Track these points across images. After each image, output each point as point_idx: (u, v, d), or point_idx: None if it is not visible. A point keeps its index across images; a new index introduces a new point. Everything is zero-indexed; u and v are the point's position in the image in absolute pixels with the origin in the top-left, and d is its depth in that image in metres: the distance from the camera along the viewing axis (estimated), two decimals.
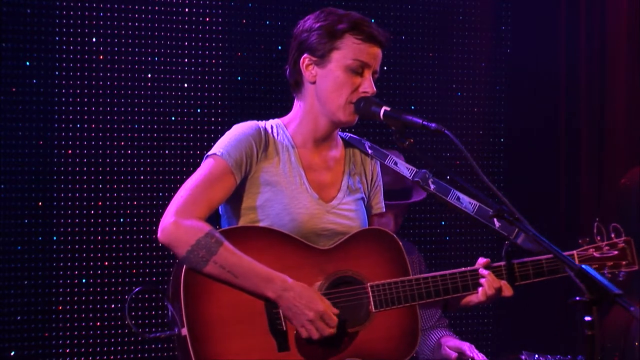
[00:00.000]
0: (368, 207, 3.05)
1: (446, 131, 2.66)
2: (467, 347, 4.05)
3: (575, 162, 5.41)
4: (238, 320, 2.73)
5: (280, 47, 4.87)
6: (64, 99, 4.54)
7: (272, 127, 2.93)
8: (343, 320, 2.77)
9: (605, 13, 5.39)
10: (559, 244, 2.47)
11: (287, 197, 2.86)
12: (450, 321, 4.40)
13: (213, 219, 2.86)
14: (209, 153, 2.86)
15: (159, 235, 2.76)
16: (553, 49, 5.44)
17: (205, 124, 4.78)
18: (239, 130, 2.89)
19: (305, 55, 2.88)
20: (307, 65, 2.89)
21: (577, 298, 2.28)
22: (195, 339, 2.69)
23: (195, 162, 4.63)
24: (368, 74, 2.86)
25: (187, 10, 4.76)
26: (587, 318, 2.24)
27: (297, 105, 2.96)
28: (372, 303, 2.82)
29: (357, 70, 2.85)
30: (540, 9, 5.45)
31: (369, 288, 2.83)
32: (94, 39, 4.58)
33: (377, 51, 2.88)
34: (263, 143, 2.88)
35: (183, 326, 2.69)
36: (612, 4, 5.39)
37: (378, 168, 3.07)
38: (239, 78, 4.86)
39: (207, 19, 4.79)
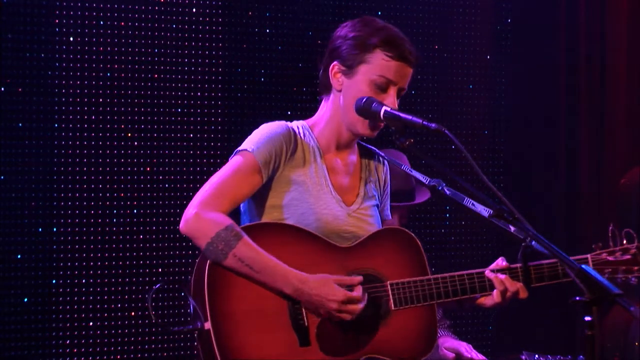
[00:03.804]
0: (380, 214, 3.07)
1: (446, 131, 2.66)
2: (465, 348, 4.04)
3: (575, 163, 5.40)
4: (261, 315, 2.76)
5: (280, 47, 4.86)
6: (64, 99, 4.54)
7: (298, 129, 2.94)
8: (363, 316, 2.80)
9: (605, 13, 5.39)
10: (559, 245, 2.47)
11: (312, 197, 2.88)
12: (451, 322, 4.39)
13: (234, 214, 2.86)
14: (239, 149, 2.87)
15: (181, 225, 2.78)
16: (553, 48, 5.43)
17: (205, 124, 4.77)
18: (270, 128, 2.90)
19: (335, 62, 2.90)
20: (336, 73, 2.91)
21: (577, 298, 2.28)
22: (219, 333, 2.71)
23: (195, 162, 4.70)
24: (393, 91, 2.86)
25: (187, 10, 4.76)
26: (587, 318, 2.25)
27: (323, 107, 2.98)
28: (392, 301, 2.85)
29: (382, 86, 2.85)
30: (540, 8, 5.44)
31: (389, 286, 2.85)
32: (94, 39, 4.58)
33: (406, 70, 2.88)
34: (292, 143, 2.89)
35: (207, 320, 2.71)
36: (612, 4, 5.38)
37: (388, 175, 3.10)
38: (239, 78, 4.86)
39: (208, 19, 4.79)
